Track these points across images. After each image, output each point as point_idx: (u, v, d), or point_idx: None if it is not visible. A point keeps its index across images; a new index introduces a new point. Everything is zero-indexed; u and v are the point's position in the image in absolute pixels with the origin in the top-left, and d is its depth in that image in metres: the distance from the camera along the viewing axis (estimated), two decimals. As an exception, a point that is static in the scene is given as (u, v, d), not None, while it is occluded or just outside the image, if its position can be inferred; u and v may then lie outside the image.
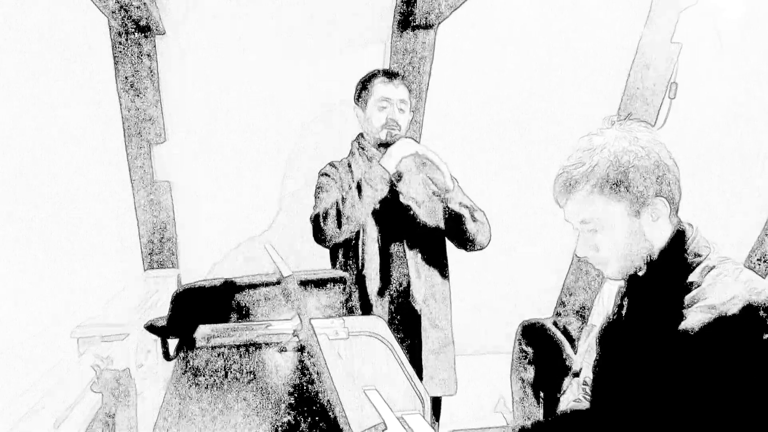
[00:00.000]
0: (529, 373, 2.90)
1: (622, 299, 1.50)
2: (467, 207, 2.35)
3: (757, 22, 2.99)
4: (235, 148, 3.05)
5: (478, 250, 2.40)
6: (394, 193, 2.37)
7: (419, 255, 2.38)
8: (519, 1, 2.94)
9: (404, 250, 2.36)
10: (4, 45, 2.70)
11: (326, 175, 2.42)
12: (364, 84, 2.43)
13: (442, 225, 2.40)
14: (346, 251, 2.36)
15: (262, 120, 3.02)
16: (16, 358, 2.62)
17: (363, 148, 2.45)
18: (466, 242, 2.38)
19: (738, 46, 3.01)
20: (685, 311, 1.30)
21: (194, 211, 3.09)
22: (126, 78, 2.86)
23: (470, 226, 2.34)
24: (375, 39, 2.95)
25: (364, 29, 2.93)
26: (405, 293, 2.36)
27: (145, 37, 2.82)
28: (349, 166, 2.44)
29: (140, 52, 2.83)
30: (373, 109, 2.39)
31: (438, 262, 2.42)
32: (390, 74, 2.42)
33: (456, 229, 2.37)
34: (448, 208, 2.34)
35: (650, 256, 1.41)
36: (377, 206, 2.29)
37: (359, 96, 2.45)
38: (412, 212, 2.39)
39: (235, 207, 3.09)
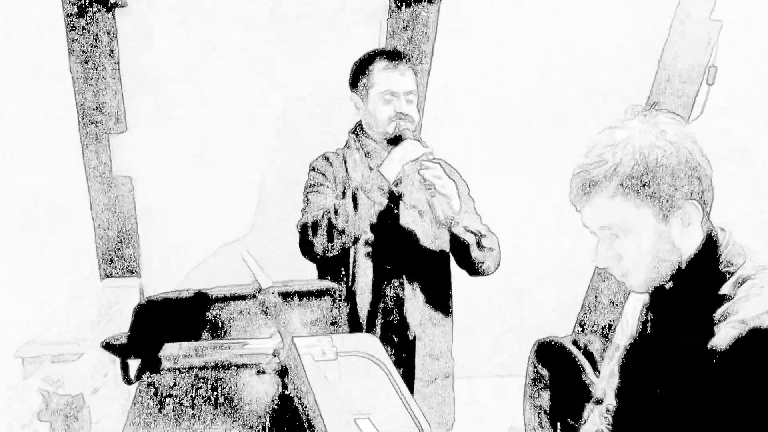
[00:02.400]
0: (545, 400, 2.91)
1: (646, 315, 1.51)
2: (474, 233, 2.33)
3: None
4: (207, 138, 3.05)
5: (483, 276, 2.41)
6: (392, 198, 2.37)
7: (417, 271, 2.38)
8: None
9: (400, 265, 2.37)
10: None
11: (317, 170, 2.42)
12: (363, 68, 2.40)
13: (446, 237, 2.40)
14: (336, 261, 2.36)
15: (237, 107, 3.03)
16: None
17: (360, 142, 2.45)
18: (469, 269, 2.40)
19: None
20: (715, 327, 1.31)
21: (159, 212, 3.10)
22: (81, 58, 2.87)
23: (476, 254, 2.34)
24: (369, 15, 2.96)
25: (356, 3, 2.94)
26: (398, 316, 2.37)
27: (106, 10, 2.83)
28: (344, 159, 2.43)
29: (98, 28, 2.84)
30: (376, 102, 2.37)
31: (439, 279, 2.43)
32: (394, 57, 2.39)
33: (459, 254, 2.38)
34: (452, 233, 2.33)
35: (679, 266, 1.42)
36: (375, 216, 2.29)
37: (356, 82, 2.42)
38: (412, 222, 2.39)
39: (207, 207, 3.10)
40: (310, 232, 2.27)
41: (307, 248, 2.29)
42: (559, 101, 3.05)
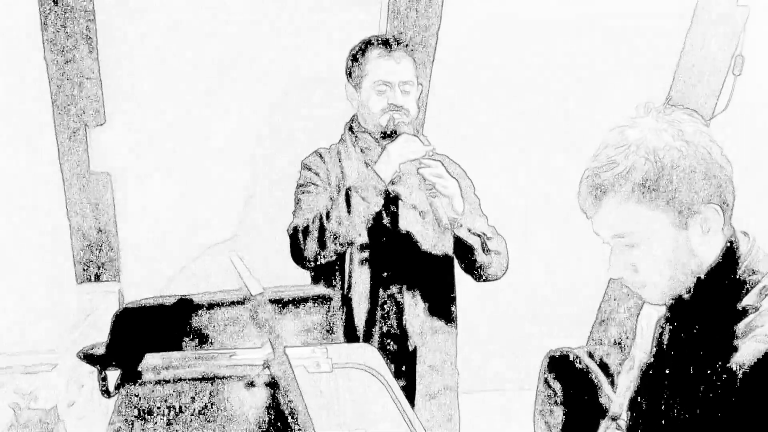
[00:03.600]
0: (557, 416, 2.92)
1: (663, 328, 1.51)
2: (479, 235, 2.32)
3: None
4: (192, 132, 3.06)
5: (490, 281, 2.41)
6: (389, 198, 2.36)
7: (417, 277, 2.38)
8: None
9: (399, 271, 2.37)
10: None
11: (309, 169, 2.42)
12: (357, 57, 2.41)
13: (449, 240, 2.39)
14: (331, 266, 2.36)
15: (226, 97, 3.03)
16: None
17: (356, 137, 2.45)
18: (475, 274, 2.40)
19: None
20: (737, 342, 1.31)
21: (140, 211, 3.10)
22: (55, 42, 2.87)
23: (481, 258, 2.34)
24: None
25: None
26: (398, 325, 2.37)
27: (81, -8, 2.83)
28: (339, 155, 2.44)
29: (74, 8, 2.84)
30: (369, 92, 2.37)
31: (442, 285, 2.43)
32: (389, 44, 2.39)
33: (463, 259, 2.38)
34: (455, 236, 2.33)
35: (699, 276, 1.41)
36: (371, 219, 2.29)
37: (351, 72, 2.44)
38: (412, 224, 2.38)
39: (192, 206, 3.10)
40: (300, 238, 2.27)
41: (298, 255, 2.29)
42: (574, 93, 3.05)
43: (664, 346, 1.49)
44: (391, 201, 2.37)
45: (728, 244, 1.41)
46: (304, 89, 3.04)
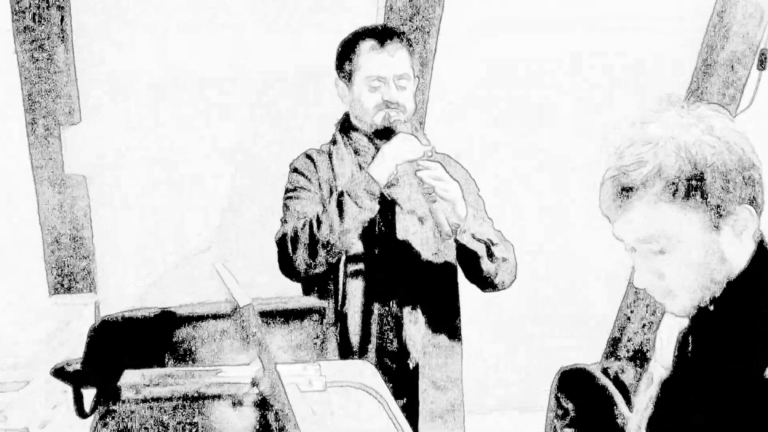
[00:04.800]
0: (569, 438, 2.91)
1: (686, 340, 1.51)
2: (484, 241, 2.31)
3: None
4: (173, 131, 3.06)
5: (497, 290, 2.41)
6: (385, 202, 2.35)
7: (417, 288, 2.37)
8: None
9: (398, 281, 2.36)
10: None
11: (298, 172, 2.42)
12: (347, 50, 2.40)
13: (452, 247, 2.38)
14: (323, 276, 2.35)
15: (209, 93, 3.03)
16: None
17: (349, 137, 2.45)
18: (480, 282, 2.39)
19: None
20: (771, 354, 1.31)
21: (118, 216, 3.10)
22: (27, 35, 2.86)
23: (486, 266, 2.33)
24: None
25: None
26: (397, 340, 2.36)
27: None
28: (330, 157, 2.43)
29: (47, 3, 2.84)
30: (361, 88, 2.36)
31: (444, 297, 2.42)
32: (381, 35, 2.38)
33: (468, 266, 2.38)
34: (458, 242, 2.31)
35: (727, 283, 1.41)
36: (365, 225, 2.28)
37: (341, 65, 2.42)
38: (410, 230, 2.38)
39: (174, 211, 3.10)
40: (289, 246, 2.26)
41: (286, 265, 2.29)
42: (587, 88, 3.06)
43: (688, 359, 1.49)
44: (387, 206, 2.36)
45: (758, 247, 1.41)
46: (294, 85, 3.04)
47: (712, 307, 1.43)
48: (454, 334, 2.44)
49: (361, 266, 2.35)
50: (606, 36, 3.05)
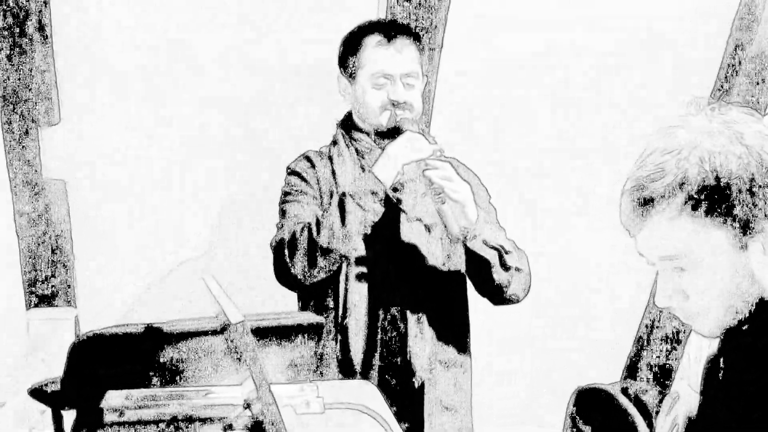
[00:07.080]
0: (586, 463, 2.91)
1: (716, 362, 1.50)
2: (496, 248, 2.31)
3: None
4: (159, 132, 3.06)
5: (509, 304, 2.40)
6: (390, 206, 2.36)
7: (424, 300, 2.37)
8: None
9: (403, 292, 2.36)
10: None
11: (297, 174, 2.42)
12: (351, 44, 2.40)
13: (461, 255, 2.39)
14: (322, 288, 2.36)
15: (198, 92, 3.04)
16: None
17: (351, 137, 2.46)
18: (491, 295, 2.39)
19: None
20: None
21: (100, 224, 3.10)
22: (4, 32, 2.87)
23: (498, 276, 2.33)
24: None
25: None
26: (401, 357, 2.37)
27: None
28: (330, 160, 2.44)
29: (24, -8, 2.85)
30: (366, 86, 2.36)
31: (452, 309, 2.42)
32: (388, 30, 2.38)
33: (478, 277, 2.37)
34: (468, 249, 2.31)
35: (759, 301, 1.40)
36: (368, 230, 2.28)
37: (344, 62, 2.43)
38: (417, 236, 2.38)
39: (159, 218, 3.10)
40: (286, 253, 2.26)
41: (283, 273, 2.28)
42: (603, 89, 3.06)
43: (718, 382, 1.49)
44: (392, 210, 2.37)
45: None
46: (291, 83, 3.05)
47: (744, 327, 1.43)
48: (463, 349, 2.43)
49: (363, 274, 2.35)
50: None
